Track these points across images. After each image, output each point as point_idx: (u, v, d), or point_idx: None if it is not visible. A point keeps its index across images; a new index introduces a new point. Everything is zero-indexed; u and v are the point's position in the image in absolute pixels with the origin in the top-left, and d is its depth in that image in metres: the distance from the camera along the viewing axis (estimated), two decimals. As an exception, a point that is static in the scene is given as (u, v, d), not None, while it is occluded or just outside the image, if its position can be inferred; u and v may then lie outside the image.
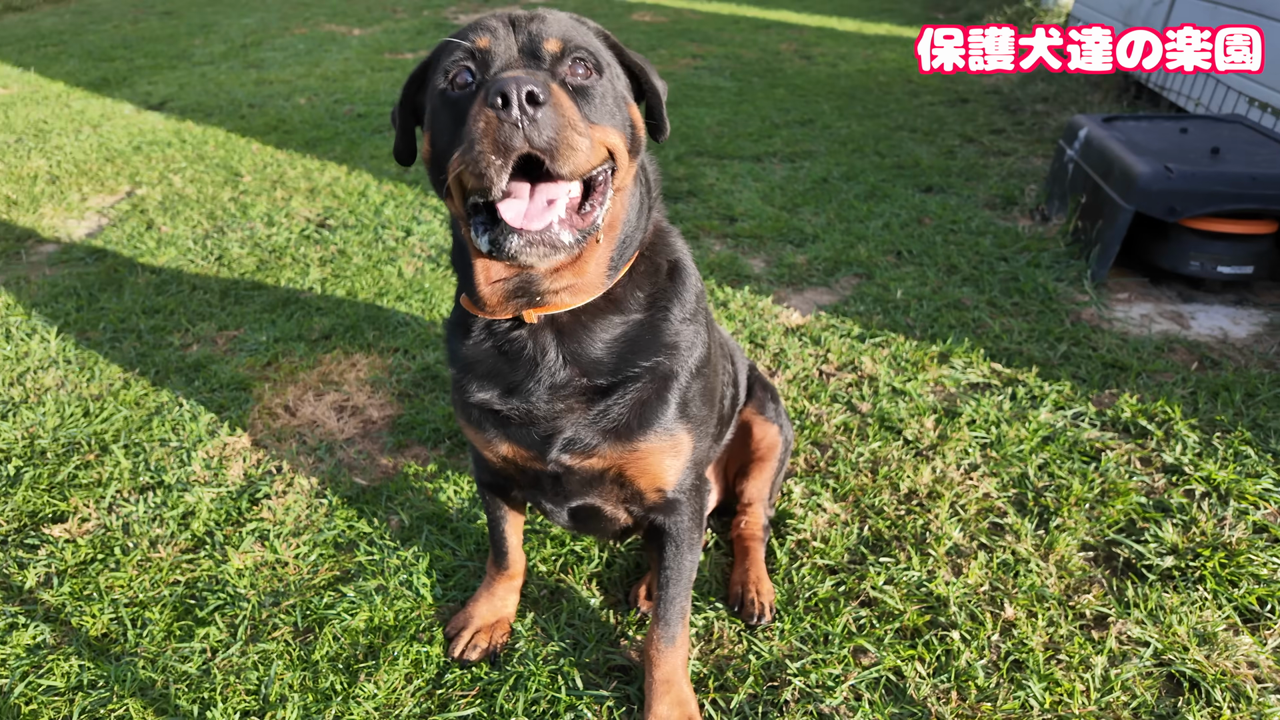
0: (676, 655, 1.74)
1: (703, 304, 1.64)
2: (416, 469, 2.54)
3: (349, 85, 7.08)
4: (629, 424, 1.51)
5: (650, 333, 1.51)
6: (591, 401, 1.50)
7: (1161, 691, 1.84)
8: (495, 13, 1.38)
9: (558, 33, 1.34)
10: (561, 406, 1.49)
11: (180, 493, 2.42)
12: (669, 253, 1.59)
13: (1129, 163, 3.47)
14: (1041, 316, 3.33)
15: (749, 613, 2.02)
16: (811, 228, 4.22)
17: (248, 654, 1.93)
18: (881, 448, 2.60)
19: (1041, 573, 2.13)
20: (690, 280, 1.60)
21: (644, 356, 1.50)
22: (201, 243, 4.13)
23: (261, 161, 5.29)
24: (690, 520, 1.69)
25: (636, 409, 1.51)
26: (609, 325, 1.48)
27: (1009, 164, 5.12)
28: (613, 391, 1.49)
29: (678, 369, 1.54)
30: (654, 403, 1.52)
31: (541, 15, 1.38)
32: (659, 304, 1.53)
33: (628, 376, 1.50)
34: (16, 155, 5.36)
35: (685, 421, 1.56)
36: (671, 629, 1.73)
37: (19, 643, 1.94)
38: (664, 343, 1.52)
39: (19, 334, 3.25)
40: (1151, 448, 2.57)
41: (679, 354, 1.54)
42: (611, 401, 1.49)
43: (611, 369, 1.49)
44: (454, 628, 1.97)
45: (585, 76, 1.33)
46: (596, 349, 1.48)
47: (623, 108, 1.39)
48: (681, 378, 1.55)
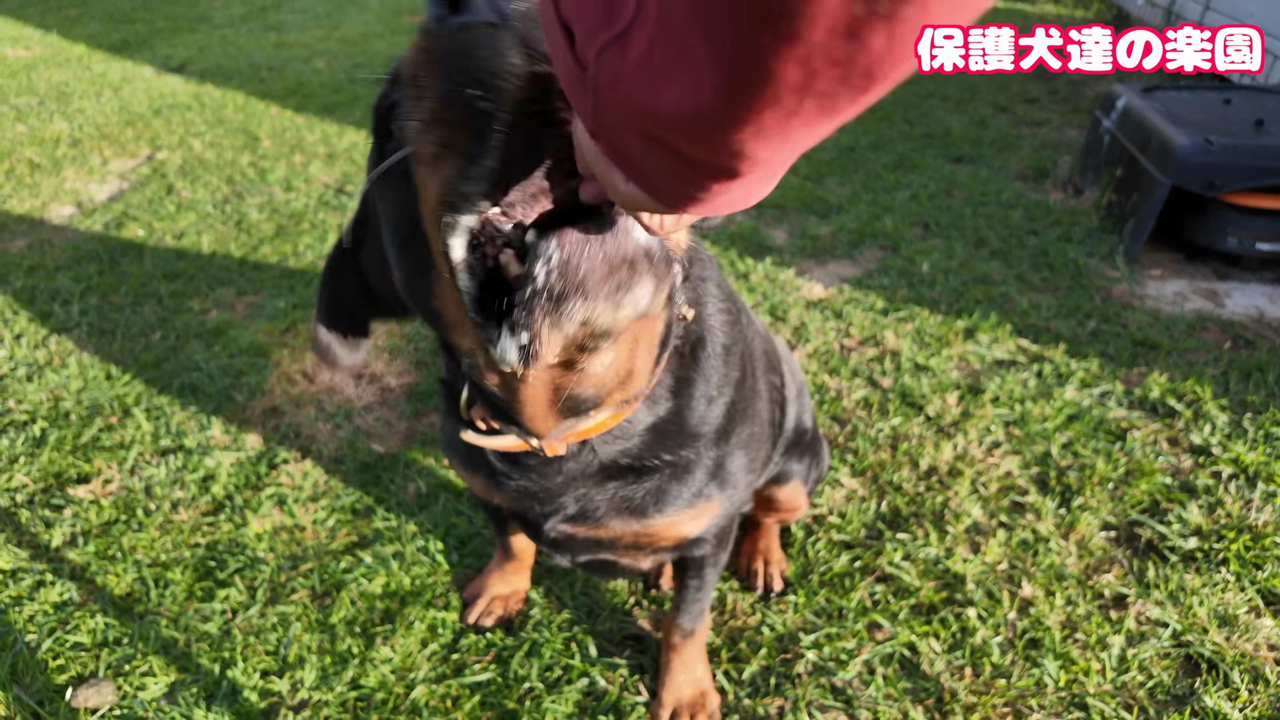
0: (694, 642, 1.73)
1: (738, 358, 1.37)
2: (434, 437, 2.54)
3: (368, 48, 7.01)
4: (643, 507, 1.32)
5: (676, 423, 1.27)
6: (603, 483, 1.30)
7: (1179, 672, 1.82)
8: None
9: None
10: (568, 486, 1.30)
11: (200, 456, 2.44)
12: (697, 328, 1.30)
13: (1168, 134, 3.36)
14: (1071, 292, 3.26)
15: (762, 584, 2.02)
16: (837, 198, 4.15)
17: (267, 616, 1.96)
18: (902, 424, 2.56)
19: (1061, 552, 2.10)
20: (714, 347, 1.30)
21: (668, 450, 1.28)
22: (221, 207, 4.13)
23: (280, 126, 5.27)
24: (716, 547, 1.55)
25: (654, 494, 1.31)
26: (637, 423, 1.24)
27: (1042, 134, 4.98)
28: (629, 477, 1.30)
29: (705, 452, 1.32)
30: (676, 487, 1.32)
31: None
32: (684, 385, 1.27)
33: (647, 467, 1.29)
34: (39, 118, 5.38)
35: (716, 487, 1.37)
36: (691, 626, 1.70)
37: (47, 599, 1.98)
38: (690, 432, 1.29)
39: (43, 297, 3.29)
40: (1179, 428, 2.52)
41: (705, 438, 1.31)
42: (626, 485, 1.30)
43: (631, 463, 1.28)
44: (470, 594, 1.98)
45: None
46: (616, 449, 1.26)
47: None
48: (710, 456, 1.33)
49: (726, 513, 1.44)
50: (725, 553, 1.60)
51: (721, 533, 1.52)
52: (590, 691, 1.80)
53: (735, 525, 1.62)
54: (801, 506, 2.00)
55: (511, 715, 1.75)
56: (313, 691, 1.78)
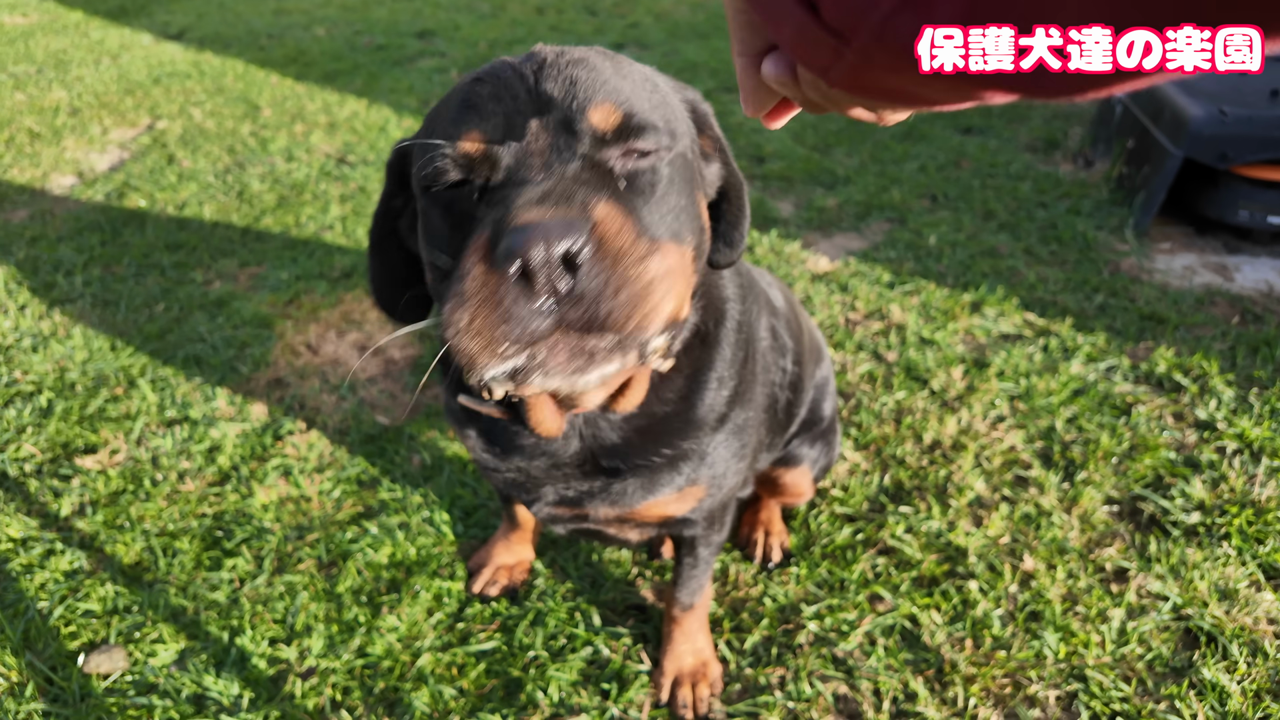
0: (695, 614, 1.74)
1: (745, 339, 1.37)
2: (438, 409, 2.55)
3: (368, 15, 6.91)
4: (629, 496, 1.34)
5: (679, 421, 1.28)
6: (591, 475, 1.33)
7: (1178, 645, 1.84)
8: (501, 62, 0.99)
9: (609, 89, 0.92)
10: (559, 474, 1.33)
11: (206, 427, 2.45)
12: (712, 312, 1.29)
13: (1181, 105, 3.31)
14: (1079, 266, 3.23)
15: (762, 555, 2.03)
16: (844, 169, 4.10)
17: (274, 585, 1.98)
18: (906, 398, 2.56)
19: (1064, 526, 2.11)
20: (731, 326, 1.30)
21: (666, 444, 1.30)
22: (222, 178, 4.10)
23: (280, 94, 5.21)
24: (708, 528, 1.56)
25: (641, 484, 1.33)
26: (634, 419, 1.27)
27: (1053, 105, 4.91)
28: (620, 474, 1.32)
29: (700, 447, 1.34)
30: (664, 477, 1.34)
31: (572, 58, 0.96)
32: (692, 389, 1.28)
33: (639, 465, 1.31)
34: (38, 86, 5.33)
35: (703, 471, 1.38)
36: (689, 600, 1.71)
37: (57, 568, 2.00)
38: (691, 430, 1.30)
39: (46, 267, 3.28)
40: (1185, 403, 2.52)
41: (703, 435, 1.32)
42: (616, 480, 1.32)
43: (626, 456, 1.30)
44: (476, 563, 2.00)
45: (648, 157, 0.94)
46: (614, 437, 1.29)
47: (694, 203, 1.01)
48: (702, 449, 1.34)
49: (715, 498, 1.45)
50: (719, 533, 1.60)
51: (711, 515, 1.52)
52: (594, 660, 1.82)
53: (730, 509, 1.61)
54: (806, 493, 2.01)
55: (516, 683, 1.77)
56: (320, 659, 1.81)
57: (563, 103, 0.91)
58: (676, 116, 1.03)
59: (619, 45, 6.24)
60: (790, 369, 1.64)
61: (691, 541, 1.59)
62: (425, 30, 6.49)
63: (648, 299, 0.80)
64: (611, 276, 0.79)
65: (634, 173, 0.93)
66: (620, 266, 0.79)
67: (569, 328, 0.79)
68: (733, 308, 1.32)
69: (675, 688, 1.73)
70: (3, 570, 2.00)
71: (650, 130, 0.94)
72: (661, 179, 0.95)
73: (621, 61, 1.01)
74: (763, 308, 1.54)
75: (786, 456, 1.88)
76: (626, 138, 0.93)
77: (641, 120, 0.93)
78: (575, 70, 0.94)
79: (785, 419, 1.70)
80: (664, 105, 1.01)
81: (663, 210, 0.94)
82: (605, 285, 0.78)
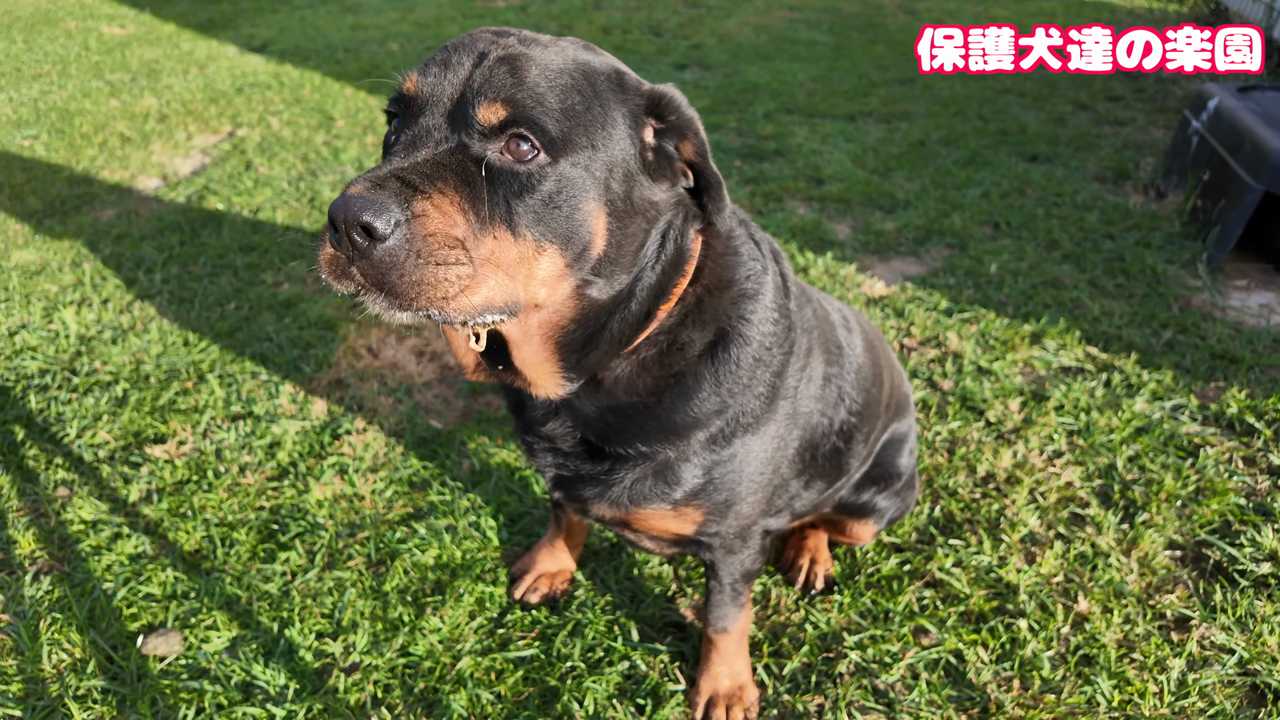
0: (731, 637, 1.73)
1: (772, 369, 1.37)
2: (490, 415, 2.60)
3: (441, 32, 7.13)
4: (621, 500, 1.39)
5: (653, 419, 1.31)
6: (588, 459, 1.39)
7: (1243, 702, 1.75)
8: (474, 35, 1.12)
9: (510, 90, 1.03)
10: (560, 451, 1.40)
11: (268, 423, 2.54)
12: (710, 324, 1.31)
13: (1262, 137, 3.19)
14: (1146, 300, 3.13)
15: (805, 581, 2.01)
16: (904, 194, 4.06)
17: (324, 580, 2.03)
18: (961, 428, 2.51)
19: (1122, 568, 2.04)
20: (738, 353, 1.32)
21: (643, 440, 1.33)
22: (295, 184, 4.27)
23: (354, 106, 5.40)
24: (726, 554, 1.56)
25: (630, 488, 1.37)
26: (600, 397, 1.31)
27: (1125, 134, 4.78)
28: (606, 460, 1.37)
29: (689, 456, 1.36)
30: (654, 484, 1.37)
31: (516, 53, 1.07)
32: (669, 392, 1.30)
33: (619, 455, 1.35)
34: (131, 94, 5.63)
35: (704, 497, 1.39)
36: (720, 625, 1.69)
37: (123, 551, 2.09)
38: (671, 429, 1.32)
39: (128, 264, 3.46)
40: (1257, 447, 2.41)
41: (690, 442, 1.34)
42: (605, 470, 1.37)
43: (605, 435, 1.34)
44: (519, 570, 2.03)
45: (526, 160, 1.03)
46: (589, 410, 1.34)
47: (579, 211, 1.07)
48: (694, 464, 1.36)
49: (722, 524, 1.45)
50: (739, 559, 1.58)
51: (726, 542, 1.52)
52: (630, 675, 1.82)
53: (753, 539, 1.58)
54: (867, 541, 1.98)
55: (553, 692, 1.78)
56: (364, 655, 1.85)
57: (471, 92, 1.05)
58: (595, 128, 1.09)
59: (682, 66, 6.30)
60: (844, 419, 1.63)
61: (711, 565, 1.59)
62: (494, 47, 6.66)
63: (436, 285, 0.97)
64: (405, 257, 0.95)
65: (503, 169, 1.04)
66: (415, 251, 0.95)
67: (368, 281, 0.96)
68: (749, 340, 1.33)
69: (710, 708, 1.72)
70: (74, 551, 2.10)
71: (536, 134, 1.03)
72: (533, 180, 1.04)
73: (550, 65, 1.08)
74: (820, 353, 1.52)
75: (859, 507, 1.86)
76: (505, 134, 1.04)
77: (527, 123, 1.03)
78: (496, 67, 1.06)
79: (831, 467, 1.67)
80: (579, 115, 1.07)
81: (523, 208, 1.04)
82: (395, 261, 0.95)
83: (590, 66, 1.12)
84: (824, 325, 1.58)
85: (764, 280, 1.36)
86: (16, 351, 2.87)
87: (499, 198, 1.03)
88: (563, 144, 1.05)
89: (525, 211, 1.04)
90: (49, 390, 2.68)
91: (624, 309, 1.22)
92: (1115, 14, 7.60)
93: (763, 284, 1.36)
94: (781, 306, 1.39)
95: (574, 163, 1.06)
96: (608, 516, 1.47)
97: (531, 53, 1.08)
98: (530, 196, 1.04)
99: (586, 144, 1.07)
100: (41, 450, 2.44)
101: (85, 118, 5.14)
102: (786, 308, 1.41)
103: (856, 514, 1.88)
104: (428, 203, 0.97)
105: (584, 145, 1.07)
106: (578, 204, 1.07)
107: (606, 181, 1.10)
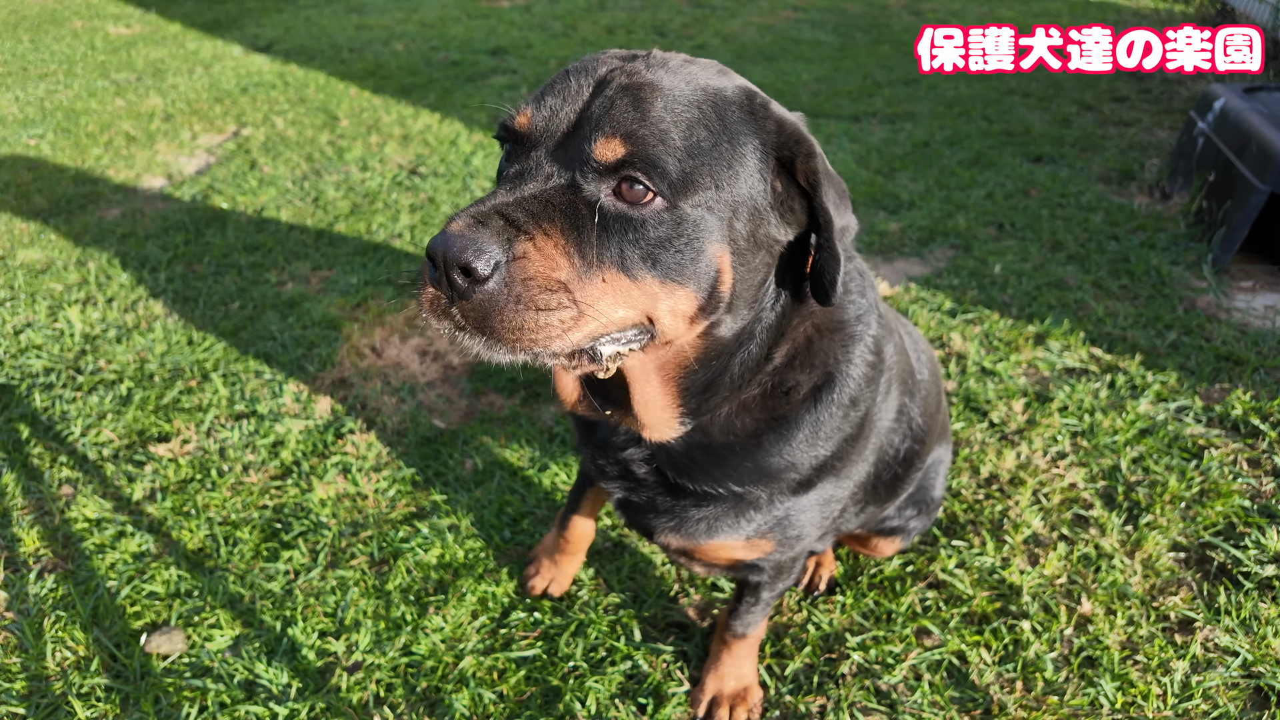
0: (747, 642, 1.73)
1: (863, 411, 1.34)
2: (493, 415, 2.60)
3: (445, 32, 7.14)
4: (695, 529, 1.36)
5: (749, 460, 1.27)
6: (666, 492, 1.35)
7: (1246, 704, 1.74)
8: (600, 58, 1.06)
9: (630, 125, 0.97)
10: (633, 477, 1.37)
11: (272, 423, 2.55)
12: (819, 368, 1.27)
13: (1269, 139, 3.18)
14: (1151, 301, 3.12)
15: (808, 582, 2.00)
16: (908, 194, 4.05)
17: (327, 579, 2.04)
18: (965, 429, 2.50)
19: (1125, 570, 2.03)
20: (840, 397, 1.28)
21: (736, 480, 1.29)
22: (299, 184, 4.28)
23: (358, 106, 5.41)
24: (774, 577, 1.55)
25: (708, 523, 1.35)
26: (693, 435, 1.27)
27: (1130, 135, 4.77)
28: (689, 497, 1.33)
29: (775, 498, 1.33)
30: (734, 519, 1.34)
31: (641, 82, 1.00)
32: (769, 436, 1.26)
33: (708, 493, 1.31)
34: (136, 93, 5.65)
35: (779, 533, 1.37)
36: (743, 631, 1.69)
37: (127, 549, 2.10)
38: (766, 472, 1.29)
39: (133, 263, 3.47)
40: (1262, 449, 2.40)
41: (781, 483, 1.31)
42: (687, 506, 1.34)
43: (690, 473, 1.30)
44: (527, 576, 2.02)
45: (641, 203, 0.98)
46: (676, 447, 1.30)
47: (703, 255, 1.01)
48: (778, 506, 1.34)
49: (786, 554, 1.45)
50: (785, 581, 1.59)
51: (780, 567, 1.52)
52: (633, 674, 1.82)
53: (800, 561, 1.58)
54: (888, 554, 1.99)
55: (555, 692, 1.78)
56: (367, 654, 1.85)
57: (589, 125, 0.99)
58: (721, 167, 1.01)
59: (686, 65, 6.29)
60: (909, 446, 1.61)
61: (755, 586, 1.59)
62: (498, 48, 6.67)
63: (537, 331, 0.94)
64: (505, 302, 0.93)
65: (617, 214, 0.98)
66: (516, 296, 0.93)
67: (467, 322, 0.95)
68: (849, 381, 1.30)
69: (713, 707, 1.72)
70: (78, 549, 2.11)
71: (655, 176, 0.97)
72: (649, 225, 0.98)
73: (677, 96, 1.00)
74: (897, 386, 1.50)
75: (893, 528, 1.85)
76: (620, 174, 0.98)
77: (645, 164, 0.97)
78: (619, 98, 0.99)
79: (887, 493, 1.66)
80: (704, 153, 1.00)
81: (638, 254, 0.98)
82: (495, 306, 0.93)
83: (722, 96, 1.05)
84: (903, 357, 1.55)
85: (870, 320, 1.32)
86: (21, 350, 2.88)
87: (610, 241, 0.98)
88: (683, 185, 0.98)
89: (640, 256, 0.98)
90: (53, 389, 2.69)
91: (745, 349, 1.17)
92: (1120, 15, 7.58)
93: (870, 325, 1.32)
94: (879, 346, 1.35)
95: (695, 204, 0.99)
96: (674, 546, 1.44)
97: (659, 80, 1.01)
98: (645, 241, 0.98)
99: (710, 184, 1.00)
100: (46, 448, 2.45)
101: (91, 117, 5.16)
102: (882, 346, 1.37)
103: (887, 533, 1.88)
104: (530, 245, 0.94)
105: (708, 185, 1.00)
106: (700, 248, 1.01)
107: (730, 222, 1.03)
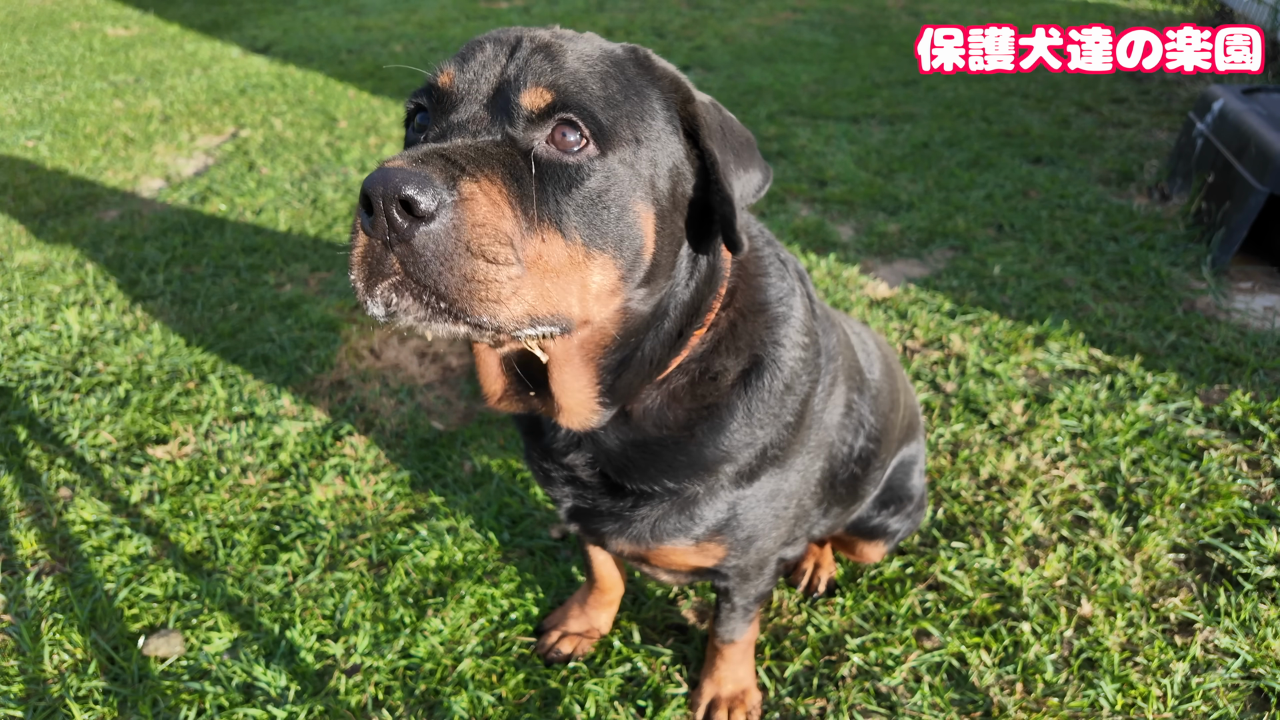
0: (738, 646, 1.71)
1: (800, 397, 1.32)
2: (491, 417, 2.59)
3: (443, 33, 7.14)
4: (643, 537, 1.33)
5: (683, 454, 1.24)
6: (608, 494, 1.32)
7: (1246, 705, 1.74)
8: (502, 30, 1.07)
9: (552, 76, 0.97)
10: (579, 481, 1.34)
11: (270, 425, 2.54)
12: (744, 350, 1.25)
13: (1268, 140, 3.18)
14: (1150, 303, 3.12)
15: (807, 584, 2.00)
16: (907, 195, 4.05)
17: (325, 581, 2.03)
18: (964, 430, 2.50)
19: (1125, 571, 2.03)
20: (771, 382, 1.26)
21: (670, 476, 1.26)
22: (298, 185, 4.27)
23: (357, 108, 5.41)
24: (742, 582, 1.53)
25: (652, 525, 1.32)
26: (624, 430, 1.24)
27: (1129, 136, 4.77)
28: (629, 497, 1.30)
29: (716, 491, 1.30)
30: (677, 519, 1.31)
31: (550, 41, 1.02)
32: (701, 425, 1.23)
33: (643, 492, 1.28)
34: (135, 95, 5.64)
35: (727, 533, 1.35)
36: (729, 637, 1.68)
37: (124, 552, 2.09)
38: (701, 464, 1.26)
39: (131, 265, 3.46)
40: (1262, 450, 2.40)
41: (718, 476, 1.28)
42: (628, 507, 1.31)
43: (628, 472, 1.27)
44: (549, 624, 1.92)
45: (575, 150, 0.96)
46: (611, 444, 1.26)
47: (629, 213, 0.99)
48: (719, 500, 1.31)
49: (743, 558, 1.42)
50: (757, 587, 1.57)
51: (743, 572, 1.50)
52: (632, 677, 1.82)
53: (769, 567, 1.56)
54: (875, 560, 1.97)
55: (554, 694, 1.78)
56: (365, 657, 1.85)
57: (511, 80, 0.98)
58: (636, 119, 1.01)
59: (685, 68, 6.30)
60: (863, 445, 1.59)
61: (725, 591, 1.58)
62: (497, 48, 6.67)
63: (488, 285, 0.85)
64: (453, 246, 0.83)
65: (551, 161, 0.95)
66: (464, 241, 0.84)
67: (408, 277, 0.84)
68: (782, 367, 1.28)
69: (711, 710, 1.72)
70: (75, 551, 2.10)
71: (585, 120, 0.96)
72: (582, 174, 0.96)
73: (586, 53, 1.02)
74: (844, 381, 1.49)
75: (870, 529, 1.84)
76: (551, 120, 0.96)
77: (576, 108, 0.96)
78: (533, 55, 1.00)
79: (848, 493, 1.65)
80: (620, 105, 1.00)
81: (572, 207, 0.95)
82: (441, 250, 0.83)
83: (616, 55, 1.06)
84: (847, 351, 1.54)
85: (794, 303, 1.31)
86: (19, 352, 2.88)
87: (547, 194, 0.94)
88: (611, 135, 0.97)
89: (574, 211, 0.95)
90: (51, 391, 2.69)
91: (658, 326, 1.13)
92: (1119, 15, 7.59)
93: (793, 306, 1.31)
94: (810, 330, 1.35)
95: (621, 159, 0.99)
96: (627, 551, 1.42)
97: (564, 43, 1.03)
98: (578, 193, 0.95)
99: (631, 137, 1.00)
100: (44, 451, 2.44)
101: (89, 119, 5.15)
102: (815, 331, 1.37)
103: (868, 536, 1.87)
104: (475, 186, 0.86)
105: (629, 139, 1.00)
106: (626, 203, 0.99)
107: (652, 179, 1.03)
